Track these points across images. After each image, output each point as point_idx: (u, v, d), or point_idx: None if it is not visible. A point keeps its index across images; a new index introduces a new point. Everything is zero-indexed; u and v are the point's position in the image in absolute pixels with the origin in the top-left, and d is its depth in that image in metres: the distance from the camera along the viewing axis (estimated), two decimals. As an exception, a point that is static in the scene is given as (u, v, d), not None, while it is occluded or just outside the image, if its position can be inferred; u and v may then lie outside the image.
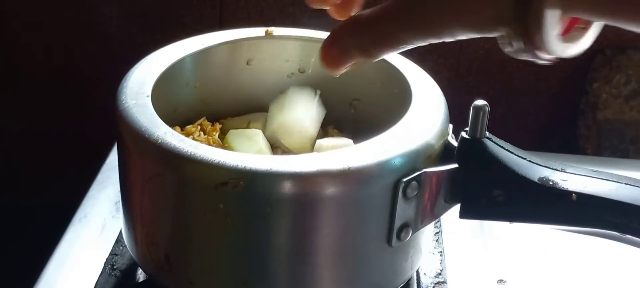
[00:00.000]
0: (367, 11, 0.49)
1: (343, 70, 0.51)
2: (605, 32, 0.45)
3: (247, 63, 0.71)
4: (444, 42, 0.45)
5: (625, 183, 0.58)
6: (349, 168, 0.53)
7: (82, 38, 1.26)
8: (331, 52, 0.50)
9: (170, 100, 0.66)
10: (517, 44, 0.42)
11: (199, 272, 0.57)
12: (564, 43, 0.43)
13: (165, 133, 0.55)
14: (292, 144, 0.67)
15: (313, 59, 0.71)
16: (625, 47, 1.16)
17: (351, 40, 0.49)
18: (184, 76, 0.68)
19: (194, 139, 0.64)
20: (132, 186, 0.60)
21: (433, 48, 1.15)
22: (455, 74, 1.20)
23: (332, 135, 0.69)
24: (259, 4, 1.18)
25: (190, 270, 0.58)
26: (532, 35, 0.41)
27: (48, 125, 1.34)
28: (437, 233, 0.74)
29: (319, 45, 0.50)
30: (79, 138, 1.33)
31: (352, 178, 0.54)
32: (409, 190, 0.55)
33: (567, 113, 1.23)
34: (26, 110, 1.33)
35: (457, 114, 0.63)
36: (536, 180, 0.57)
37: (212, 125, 0.68)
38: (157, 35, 0.72)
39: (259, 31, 0.71)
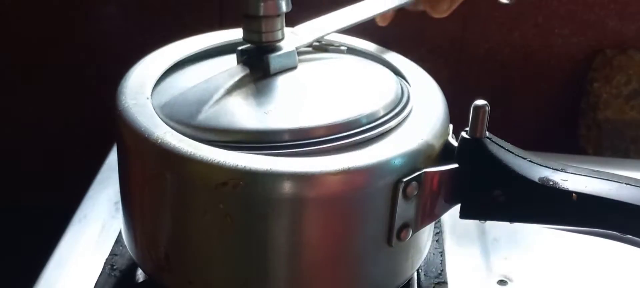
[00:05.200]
0: None
1: None
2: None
3: (247, 63, 0.71)
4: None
5: (626, 183, 0.58)
6: (349, 168, 0.53)
7: (81, 37, 1.26)
8: None
9: (170, 100, 0.66)
10: None
11: (199, 272, 0.57)
12: None
13: (165, 133, 0.55)
14: None
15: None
16: (626, 47, 1.16)
17: None
18: (184, 76, 0.68)
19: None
20: (132, 186, 0.60)
21: (433, 48, 1.16)
22: (455, 73, 1.19)
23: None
24: (259, 4, 1.18)
25: (190, 270, 0.58)
26: None
27: (47, 125, 1.34)
28: (437, 233, 0.74)
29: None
30: (79, 138, 1.33)
31: (352, 178, 0.54)
32: (409, 190, 0.55)
33: (567, 113, 1.23)
34: (25, 110, 1.33)
35: (457, 114, 0.63)
36: (536, 180, 0.57)
37: (212, 125, 0.67)
38: (157, 35, 0.72)
39: (259, 31, 0.70)
